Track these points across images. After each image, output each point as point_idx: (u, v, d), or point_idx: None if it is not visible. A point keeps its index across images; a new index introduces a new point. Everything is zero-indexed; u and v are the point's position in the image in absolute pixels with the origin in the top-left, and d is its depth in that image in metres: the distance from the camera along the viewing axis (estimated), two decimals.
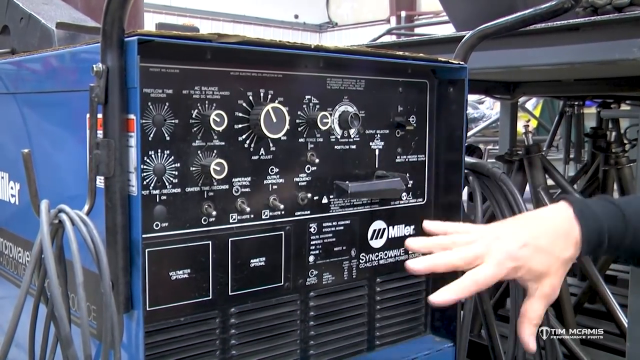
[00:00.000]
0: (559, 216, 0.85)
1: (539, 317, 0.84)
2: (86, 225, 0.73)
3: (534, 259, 0.81)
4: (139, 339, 0.79)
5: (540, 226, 0.85)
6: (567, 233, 0.83)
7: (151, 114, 0.80)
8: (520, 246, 0.81)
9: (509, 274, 0.81)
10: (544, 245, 0.82)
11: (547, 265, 0.82)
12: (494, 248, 0.81)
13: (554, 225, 0.84)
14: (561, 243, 0.83)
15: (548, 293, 0.83)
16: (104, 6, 0.74)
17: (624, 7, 1.40)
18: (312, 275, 0.99)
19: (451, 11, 1.93)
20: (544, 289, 0.83)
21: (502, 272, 0.80)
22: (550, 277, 0.82)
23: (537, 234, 0.83)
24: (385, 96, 1.05)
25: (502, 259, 0.80)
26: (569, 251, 0.83)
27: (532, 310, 0.83)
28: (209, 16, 11.87)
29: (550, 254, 0.82)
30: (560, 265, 0.83)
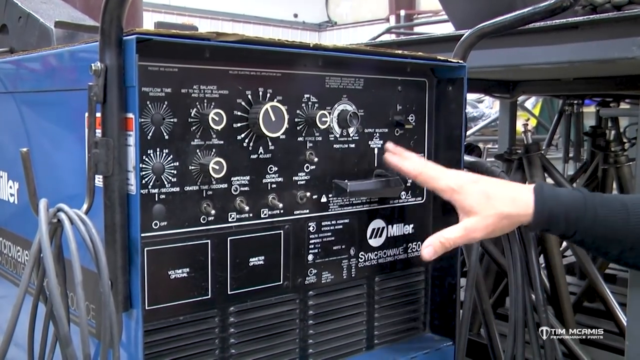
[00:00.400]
0: (521, 186, 0.94)
1: (448, 240, 0.92)
2: (85, 225, 0.73)
3: (473, 194, 0.91)
4: (138, 337, 0.79)
5: (499, 182, 0.97)
6: (517, 197, 0.91)
7: (150, 112, 0.80)
8: (471, 181, 0.94)
9: (446, 191, 0.94)
10: (488, 191, 0.92)
11: (480, 206, 0.91)
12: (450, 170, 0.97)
13: (511, 188, 0.94)
14: (506, 199, 0.91)
15: (469, 228, 0.91)
16: (102, 5, 0.74)
17: (623, 6, 1.40)
18: (311, 274, 0.99)
19: (450, 10, 1.93)
20: (467, 223, 0.92)
21: (441, 184, 0.94)
22: (478, 217, 0.91)
23: (490, 183, 0.94)
24: (384, 95, 1.05)
25: (450, 175, 0.95)
26: (509, 209, 0.90)
27: (448, 230, 0.93)
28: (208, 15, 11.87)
29: (488, 200, 0.91)
30: (495, 215, 0.90)
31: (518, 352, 1.18)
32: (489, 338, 1.43)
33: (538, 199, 0.90)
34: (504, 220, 0.91)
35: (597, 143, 2.66)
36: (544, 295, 1.24)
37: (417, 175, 0.96)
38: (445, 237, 0.92)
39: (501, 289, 2.28)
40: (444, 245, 0.92)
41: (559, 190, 0.92)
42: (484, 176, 0.97)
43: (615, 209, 0.89)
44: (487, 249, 1.78)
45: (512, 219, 0.91)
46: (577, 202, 0.90)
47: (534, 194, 0.91)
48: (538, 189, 0.92)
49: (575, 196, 0.91)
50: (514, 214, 0.90)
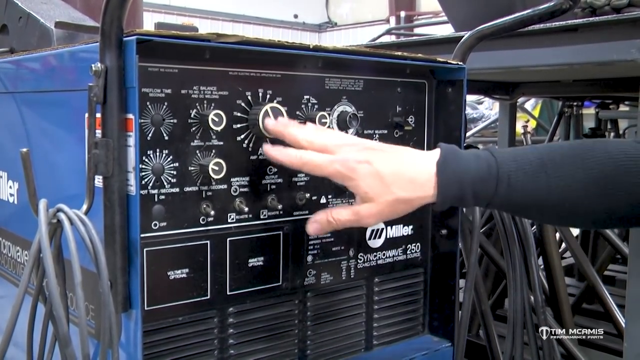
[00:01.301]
0: (422, 160, 0.85)
1: (337, 221, 0.85)
2: (84, 225, 0.73)
3: (366, 179, 0.82)
4: (137, 338, 0.79)
5: (397, 156, 0.85)
6: (415, 178, 0.83)
7: (150, 113, 0.80)
8: (360, 160, 0.82)
9: (336, 177, 0.84)
10: (383, 173, 0.82)
11: (375, 192, 0.82)
12: (341, 149, 0.84)
13: (410, 165, 0.84)
14: (403, 182, 0.82)
15: (361, 214, 0.84)
16: (102, 6, 0.74)
17: (622, 8, 1.40)
18: (310, 275, 0.99)
19: (450, 11, 1.93)
20: (360, 208, 0.84)
21: (329, 171, 0.83)
22: (373, 204, 0.83)
23: (387, 162, 0.83)
24: (383, 96, 1.06)
25: (337, 160, 0.83)
26: (407, 193, 0.82)
27: (339, 211, 0.86)
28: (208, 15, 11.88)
29: (384, 184, 0.82)
30: (391, 201, 0.83)
31: (517, 354, 1.18)
32: (487, 339, 1.43)
33: (441, 178, 0.82)
34: (400, 205, 0.84)
35: None
36: (542, 297, 1.25)
37: (300, 167, 0.85)
38: (334, 217, 0.86)
39: (500, 291, 2.28)
40: (331, 225, 0.86)
41: (465, 161, 0.83)
42: (381, 147, 0.87)
43: (531, 172, 0.82)
44: (486, 251, 1.79)
45: (411, 202, 0.84)
46: (487, 172, 0.82)
47: (437, 175, 0.82)
48: (441, 165, 0.83)
49: (485, 164, 0.83)
50: (414, 198, 0.83)
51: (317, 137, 0.85)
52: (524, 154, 0.85)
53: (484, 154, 0.85)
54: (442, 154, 0.85)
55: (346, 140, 0.87)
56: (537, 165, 0.82)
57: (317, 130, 0.88)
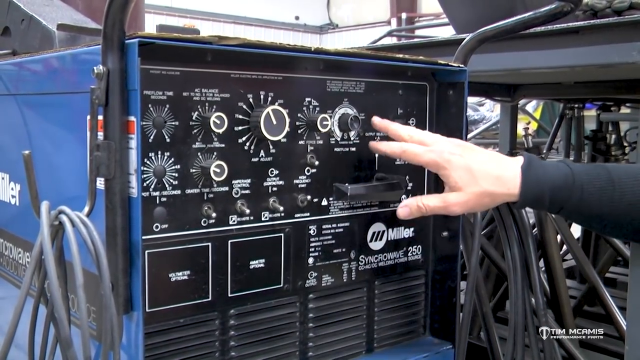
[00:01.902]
0: (508, 163, 0.93)
1: (426, 207, 0.94)
2: (86, 227, 0.73)
3: (458, 170, 0.91)
4: (138, 340, 0.79)
5: (486, 156, 0.94)
6: (502, 176, 0.91)
7: (151, 115, 0.80)
8: (454, 152, 0.92)
9: (431, 165, 0.94)
10: (473, 167, 0.91)
11: (464, 182, 0.91)
12: (437, 142, 0.95)
13: (498, 164, 0.93)
14: (491, 178, 0.91)
15: (449, 202, 0.92)
16: (104, 8, 0.74)
17: (623, 11, 1.40)
18: (312, 277, 0.99)
19: (451, 14, 1.93)
20: (448, 196, 0.92)
21: (425, 159, 0.93)
22: (461, 193, 0.91)
23: (477, 157, 0.93)
24: (385, 98, 1.06)
25: (432, 149, 0.93)
26: (493, 187, 0.90)
27: (429, 198, 0.95)
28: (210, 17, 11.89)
29: (473, 176, 0.91)
30: (477, 193, 0.91)
31: (518, 356, 1.18)
32: (488, 341, 1.43)
33: (525, 180, 0.90)
34: (486, 198, 0.91)
35: (597, 147, 2.66)
36: (543, 299, 1.25)
37: (400, 154, 0.96)
38: (423, 203, 0.94)
39: (501, 293, 2.28)
40: (420, 210, 0.94)
41: (546, 167, 0.92)
42: (471, 146, 0.96)
43: (601, 186, 0.89)
44: (487, 252, 1.79)
45: (495, 197, 0.92)
46: (564, 181, 0.90)
47: (521, 174, 0.90)
48: (525, 168, 0.91)
49: (562, 174, 0.91)
50: (498, 193, 0.91)
51: (416, 132, 0.98)
52: (594, 168, 0.94)
53: (562, 165, 0.93)
54: (526, 158, 0.93)
55: (441, 137, 0.97)
56: (605, 180, 0.90)
57: (416, 128, 1.02)
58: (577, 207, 0.90)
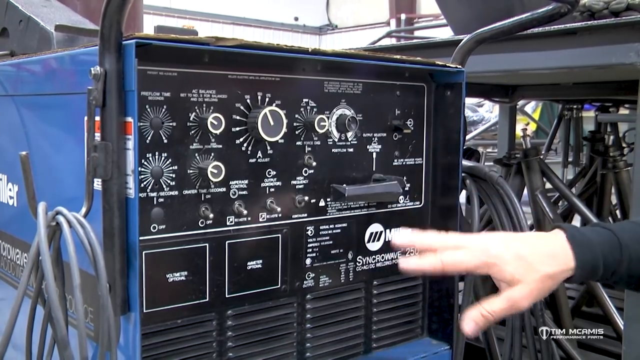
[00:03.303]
0: (552, 238, 0.86)
1: (492, 313, 0.84)
2: (83, 228, 0.73)
3: (510, 262, 0.83)
4: (135, 341, 0.79)
5: (529, 239, 0.87)
6: (555, 253, 0.84)
7: (149, 116, 0.80)
8: (498, 245, 0.84)
9: (481, 268, 0.84)
10: (524, 253, 0.83)
11: (521, 272, 0.83)
12: (472, 239, 0.86)
13: (544, 243, 0.86)
14: (545, 258, 0.84)
15: (514, 299, 0.83)
16: (102, 9, 0.74)
17: (620, 12, 1.41)
18: (309, 277, 0.99)
19: (449, 15, 1.94)
20: (511, 293, 0.83)
21: (473, 261, 0.84)
22: (522, 285, 0.83)
23: (522, 243, 0.85)
24: (382, 99, 1.06)
25: (477, 249, 0.84)
26: (551, 268, 0.83)
27: (491, 302, 0.84)
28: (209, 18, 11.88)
29: (528, 264, 0.83)
30: (538, 279, 0.83)
31: (515, 356, 1.18)
32: (486, 342, 1.43)
33: (577, 250, 0.84)
34: (548, 281, 0.84)
35: (595, 148, 2.66)
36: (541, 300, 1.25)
37: (443, 268, 0.85)
38: (489, 311, 0.84)
39: None
40: (487, 319, 0.84)
41: (589, 235, 0.86)
42: (509, 234, 0.91)
43: None
44: None
45: (556, 277, 0.84)
46: (611, 244, 0.85)
47: (571, 246, 0.84)
48: (571, 239, 0.85)
49: (607, 237, 0.86)
50: (558, 272, 0.84)
51: (448, 239, 0.88)
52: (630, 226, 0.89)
53: (599, 228, 0.88)
54: (565, 229, 0.87)
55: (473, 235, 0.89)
56: None
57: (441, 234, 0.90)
58: (628, 268, 0.85)
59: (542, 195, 2.03)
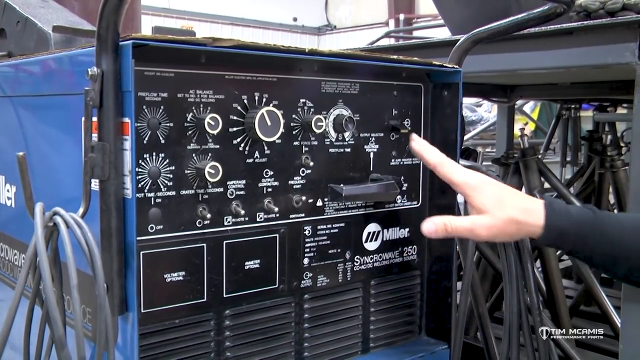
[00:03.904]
0: (533, 199, 0.94)
1: (453, 227, 0.92)
2: (80, 228, 0.73)
3: (487, 193, 0.92)
4: (133, 340, 0.79)
5: (514, 191, 0.96)
6: (529, 208, 0.91)
7: (146, 117, 0.80)
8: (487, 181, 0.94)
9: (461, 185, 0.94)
10: (502, 194, 0.92)
11: (492, 205, 0.91)
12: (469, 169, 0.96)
13: (523, 197, 0.94)
14: (518, 207, 0.90)
15: (476, 224, 0.91)
16: (99, 10, 0.74)
17: (616, 12, 1.41)
18: (307, 277, 0.99)
19: (446, 15, 1.94)
20: (476, 219, 0.92)
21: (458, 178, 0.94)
22: (488, 217, 0.91)
23: (506, 188, 0.95)
24: (379, 99, 1.06)
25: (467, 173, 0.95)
26: (520, 216, 0.90)
27: (457, 218, 0.93)
28: (207, 19, 11.88)
29: (501, 202, 0.91)
30: (505, 219, 0.90)
31: (513, 355, 1.18)
32: (485, 341, 1.44)
33: (549, 213, 0.90)
34: (512, 226, 0.90)
35: (593, 147, 2.67)
36: (538, 299, 1.25)
37: (437, 165, 0.96)
38: (450, 223, 0.92)
39: (498, 293, 2.28)
40: (446, 230, 0.92)
41: (569, 206, 0.92)
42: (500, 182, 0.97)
43: (623, 227, 0.89)
44: (483, 253, 1.79)
45: (521, 226, 0.90)
46: (587, 218, 0.89)
47: (545, 208, 0.90)
48: (548, 203, 0.91)
49: (585, 213, 0.91)
50: (524, 222, 0.90)
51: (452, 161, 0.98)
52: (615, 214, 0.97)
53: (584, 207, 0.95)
54: (547, 197, 0.94)
55: None
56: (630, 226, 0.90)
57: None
58: (600, 245, 0.89)
59: (540, 195, 2.04)
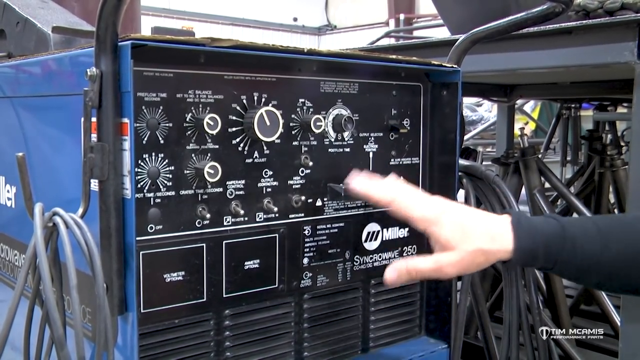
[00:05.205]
0: (497, 219, 0.89)
1: (417, 271, 0.87)
2: (80, 228, 0.73)
3: (449, 226, 0.86)
4: (133, 341, 0.80)
5: (477, 214, 0.90)
6: (495, 233, 0.86)
7: (145, 117, 0.80)
8: (447, 211, 0.87)
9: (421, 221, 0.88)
10: (465, 223, 0.86)
11: (457, 239, 0.85)
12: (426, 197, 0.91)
13: (488, 221, 0.88)
14: (484, 235, 0.86)
15: (442, 262, 0.86)
16: (97, 11, 0.74)
17: (615, 11, 1.41)
18: (307, 277, 0.99)
19: (446, 15, 1.94)
20: (441, 257, 0.86)
21: (416, 213, 0.88)
22: (454, 252, 0.85)
23: (468, 215, 0.88)
24: (379, 99, 1.06)
25: (426, 204, 0.88)
26: (487, 245, 0.85)
27: (420, 260, 0.87)
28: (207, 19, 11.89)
29: (466, 233, 0.85)
30: (471, 251, 0.85)
31: (512, 355, 1.18)
32: (485, 341, 1.44)
33: (518, 235, 0.85)
34: (480, 257, 0.86)
35: (593, 147, 2.67)
36: (538, 298, 1.25)
37: (389, 203, 0.90)
38: (414, 267, 0.87)
39: (498, 292, 2.28)
40: (410, 275, 0.88)
41: (536, 222, 0.88)
42: (462, 205, 0.92)
43: (592, 236, 0.86)
44: None
45: (490, 255, 0.86)
46: (555, 234, 0.86)
47: (513, 230, 0.86)
48: (516, 223, 0.87)
49: (553, 227, 0.87)
50: (493, 251, 0.86)
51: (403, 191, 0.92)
52: (582, 220, 0.91)
53: (550, 219, 0.89)
54: (514, 214, 0.89)
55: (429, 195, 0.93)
56: (595, 232, 0.86)
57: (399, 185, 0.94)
58: (572, 259, 0.85)
59: (540, 194, 2.04)
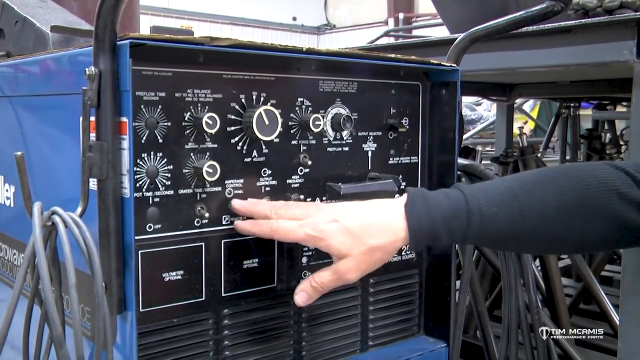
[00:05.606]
0: (389, 207, 0.86)
1: (321, 284, 0.86)
2: (79, 227, 0.73)
3: (336, 237, 0.84)
4: (132, 339, 0.80)
5: (364, 209, 0.87)
6: (385, 224, 0.84)
7: (144, 116, 0.80)
8: (328, 221, 0.84)
9: (308, 241, 0.85)
10: (351, 226, 0.84)
11: (347, 246, 0.83)
12: (309, 213, 0.86)
13: (378, 212, 0.86)
14: (373, 230, 0.84)
15: (341, 271, 0.85)
16: (96, 10, 0.74)
17: (614, 10, 1.41)
18: (305, 276, 0.99)
19: (444, 13, 1.94)
20: (338, 266, 0.85)
21: (300, 235, 0.85)
22: (349, 259, 0.84)
23: (352, 215, 0.85)
24: (377, 98, 1.06)
25: (307, 223, 0.85)
26: (379, 240, 0.83)
27: (319, 274, 0.86)
28: (207, 18, 11.89)
29: (354, 237, 0.83)
30: (365, 252, 0.84)
31: (511, 354, 1.18)
32: (484, 340, 1.44)
33: (411, 219, 0.83)
34: (376, 253, 0.84)
35: (592, 146, 2.67)
36: (537, 297, 1.25)
37: (272, 234, 0.86)
38: (318, 282, 0.86)
39: (498, 291, 2.28)
40: (317, 290, 0.87)
41: (434, 199, 0.84)
42: (348, 205, 0.89)
43: (503, 203, 0.82)
44: (481, 250, 1.79)
45: (386, 248, 0.84)
46: (457, 209, 0.82)
47: (406, 215, 0.83)
48: (410, 205, 0.84)
49: (454, 201, 0.83)
50: (387, 244, 0.84)
51: (284, 206, 0.88)
52: (493, 186, 0.86)
53: (452, 191, 0.86)
54: (409, 196, 0.86)
55: (313, 208, 0.89)
56: (508, 196, 0.83)
57: (285, 203, 0.91)
58: (482, 231, 0.82)
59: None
